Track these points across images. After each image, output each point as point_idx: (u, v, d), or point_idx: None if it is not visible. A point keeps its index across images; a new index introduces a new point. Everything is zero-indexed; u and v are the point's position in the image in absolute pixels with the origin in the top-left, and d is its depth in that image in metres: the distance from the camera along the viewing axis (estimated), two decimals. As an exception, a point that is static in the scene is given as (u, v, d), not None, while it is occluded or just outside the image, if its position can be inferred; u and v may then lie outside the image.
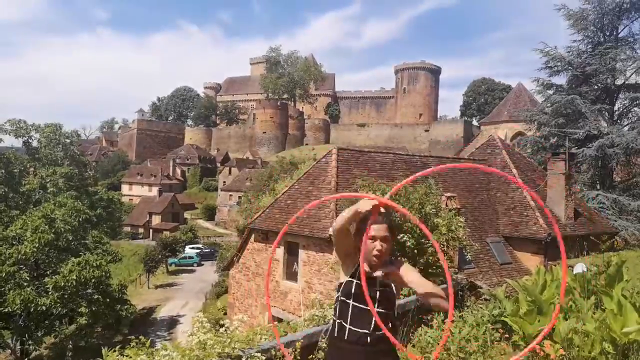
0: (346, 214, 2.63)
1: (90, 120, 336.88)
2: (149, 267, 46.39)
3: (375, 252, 2.70)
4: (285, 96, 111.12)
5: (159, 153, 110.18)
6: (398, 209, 2.68)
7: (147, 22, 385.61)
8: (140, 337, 4.11)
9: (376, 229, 2.71)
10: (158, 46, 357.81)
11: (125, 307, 28.28)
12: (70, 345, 27.13)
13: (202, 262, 54.41)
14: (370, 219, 2.68)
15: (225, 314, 25.05)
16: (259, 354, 4.09)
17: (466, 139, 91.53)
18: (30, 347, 25.53)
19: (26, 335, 24.50)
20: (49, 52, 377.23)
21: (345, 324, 2.70)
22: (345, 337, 2.68)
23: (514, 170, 20.21)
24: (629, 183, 25.09)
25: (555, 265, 7.06)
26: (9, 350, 26.06)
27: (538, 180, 20.35)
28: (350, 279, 2.77)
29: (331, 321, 2.85)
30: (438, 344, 5.48)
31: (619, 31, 25.40)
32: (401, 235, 8.97)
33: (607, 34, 25.31)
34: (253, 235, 18.99)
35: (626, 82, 25.00)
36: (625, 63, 24.35)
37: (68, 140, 37.06)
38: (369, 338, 2.64)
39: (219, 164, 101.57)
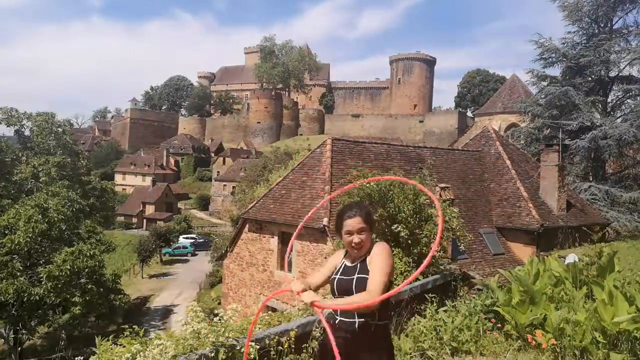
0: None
1: (82, 109, 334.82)
2: (143, 256, 46.36)
3: (353, 245, 2.81)
4: (279, 86, 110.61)
5: (152, 143, 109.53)
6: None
7: (141, 10, 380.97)
8: (134, 326, 4.12)
9: (350, 224, 2.82)
10: (151, 34, 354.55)
11: (119, 296, 28.29)
12: (64, 335, 27.10)
13: (196, 252, 54.42)
14: (344, 215, 2.83)
15: (219, 303, 25.17)
16: (252, 343, 4.10)
17: (460, 130, 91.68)
18: (24, 336, 25.49)
19: (19, 324, 24.47)
20: (41, 40, 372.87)
21: (335, 314, 2.79)
22: (337, 326, 2.75)
23: (507, 162, 20.29)
24: (621, 175, 25.26)
25: (547, 256, 7.12)
26: (2, 340, 26.04)
27: (531, 172, 20.44)
28: (334, 276, 2.88)
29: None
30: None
31: (614, 23, 25.44)
32: (395, 225, 9.00)
33: (602, 25, 25.33)
34: (247, 226, 19.00)
35: (620, 74, 25.08)
36: (620, 55, 24.42)
37: (60, 129, 36.72)
38: (355, 326, 2.71)
39: (213, 154, 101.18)
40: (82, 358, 4.21)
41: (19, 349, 25.58)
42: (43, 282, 22.87)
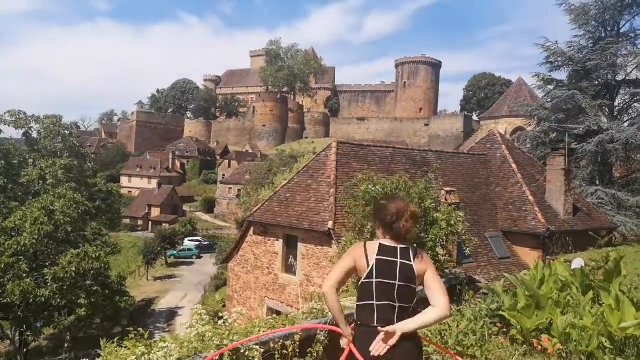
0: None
1: (89, 111, 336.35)
2: (148, 259, 46.50)
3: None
4: (285, 89, 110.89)
5: (158, 145, 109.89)
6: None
7: (147, 13, 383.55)
8: (138, 328, 4.12)
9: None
10: (157, 37, 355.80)
11: (124, 298, 28.39)
12: (68, 336, 27.24)
13: (201, 255, 54.56)
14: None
15: (223, 306, 25.11)
16: (257, 346, 4.10)
17: (466, 133, 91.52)
18: (29, 337, 25.62)
19: (25, 325, 24.58)
20: (47, 43, 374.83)
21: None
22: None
23: (513, 165, 20.21)
24: (627, 179, 25.10)
25: (553, 260, 7.08)
26: (8, 341, 26.17)
27: (537, 175, 20.35)
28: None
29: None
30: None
31: (620, 26, 25.29)
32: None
33: (609, 29, 25.21)
34: (252, 228, 19.02)
35: (627, 78, 24.94)
36: (626, 58, 24.26)
37: (67, 132, 36.95)
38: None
39: (218, 157, 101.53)
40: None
41: (25, 350, 25.71)
42: (48, 284, 22.98)
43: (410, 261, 2.89)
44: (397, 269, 2.85)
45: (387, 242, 2.94)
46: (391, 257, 2.88)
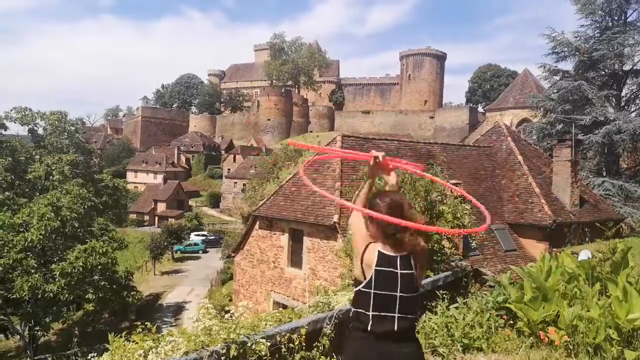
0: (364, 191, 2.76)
1: (94, 108, 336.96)
2: (155, 254, 46.71)
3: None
4: (289, 83, 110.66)
5: (163, 140, 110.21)
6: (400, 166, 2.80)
7: (150, 8, 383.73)
8: (146, 323, 4.15)
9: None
10: (161, 32, 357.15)
11: (132, 293, 28.57)
12: (77, 331, 27.47)
13: (208, 249, 54.75)
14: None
15: (230, 300, 25.28)
16: (263, 340, 4.12)
17: (471, 125, 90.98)
18: (39, 332, 25.86)
19: (34, 321, 24.81)
20: (52, 39, 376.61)
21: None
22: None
23: (519, 157, 20.10)
24: (635, 170, 24.94)
25: (560, 252, 7.05)
26: (18, 336, 26.44)
27: (543, 167, 20.24)
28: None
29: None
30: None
31: (628, 16, 25.09)
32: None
33: (616, 18, 24.97)
34: (258, 223, 19.06)
35: (634, 68, 24.73)
36: (634, 48, 24.03)
37: (73, 128, 37.12)
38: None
39: (223, 152, 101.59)
40: (95, 354, 4.25)
41: (34, 345, 25.95)
42: (57, 279, 23.15)
43: (412, 269, 2.60)
44: (399, 280, 2.56)
45: (387, 250, 2.59)
46: (392, 268, 2.56)
